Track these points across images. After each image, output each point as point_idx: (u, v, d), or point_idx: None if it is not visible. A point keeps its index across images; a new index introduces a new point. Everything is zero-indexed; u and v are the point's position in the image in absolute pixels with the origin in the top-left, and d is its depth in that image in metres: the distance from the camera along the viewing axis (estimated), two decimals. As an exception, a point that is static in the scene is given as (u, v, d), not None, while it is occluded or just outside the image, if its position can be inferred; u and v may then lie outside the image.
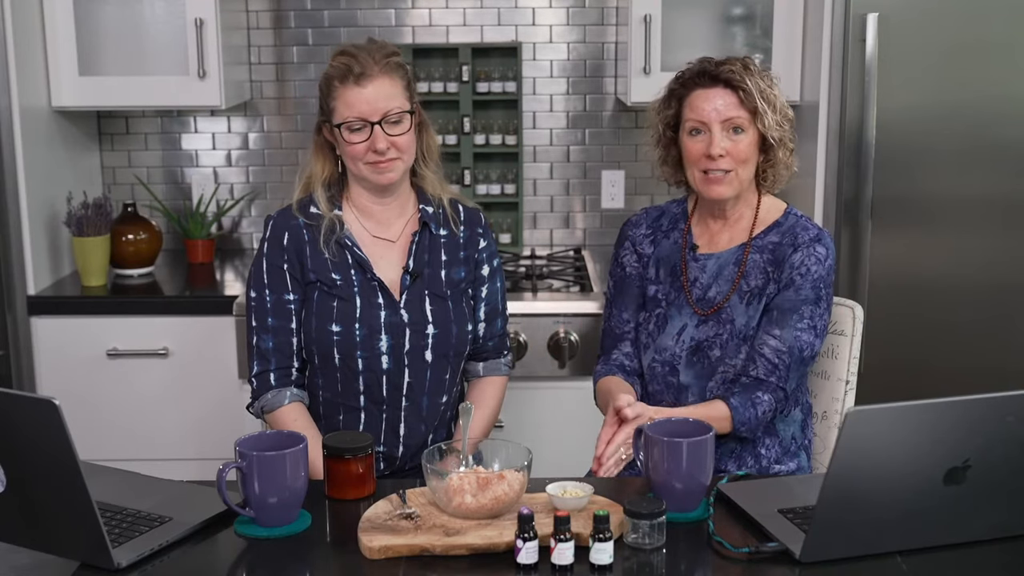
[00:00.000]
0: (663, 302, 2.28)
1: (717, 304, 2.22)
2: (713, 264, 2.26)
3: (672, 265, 2.30)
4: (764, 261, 2.22)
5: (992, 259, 3.05)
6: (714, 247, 2.28)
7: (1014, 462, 1.67)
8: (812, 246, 2.19)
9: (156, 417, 3.14)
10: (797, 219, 2.26)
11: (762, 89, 2.17)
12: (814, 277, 2.17)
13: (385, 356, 2.22)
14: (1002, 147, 3.00)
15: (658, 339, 2.26)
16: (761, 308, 2.19)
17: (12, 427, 1.59)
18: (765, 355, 2.16)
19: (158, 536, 1.75)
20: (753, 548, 1.71)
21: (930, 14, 2.96)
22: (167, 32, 3.25)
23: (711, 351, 2.21)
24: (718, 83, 2.18)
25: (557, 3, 3.55)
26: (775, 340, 2.16)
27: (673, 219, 2.35)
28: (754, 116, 2.17)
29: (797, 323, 2.16)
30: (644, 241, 2.35)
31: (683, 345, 2.23)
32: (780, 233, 2.24)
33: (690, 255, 2.28)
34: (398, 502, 1.84)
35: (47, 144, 3.25)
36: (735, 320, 2.20)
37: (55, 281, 3.28)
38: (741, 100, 2.16)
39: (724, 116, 2.17)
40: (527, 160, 3.63)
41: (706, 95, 2.18)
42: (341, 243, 2.24)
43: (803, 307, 2.17)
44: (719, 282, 2.24)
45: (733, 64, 2.18)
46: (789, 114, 2.23)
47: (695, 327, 2.23)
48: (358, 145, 2.18)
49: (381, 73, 2.17)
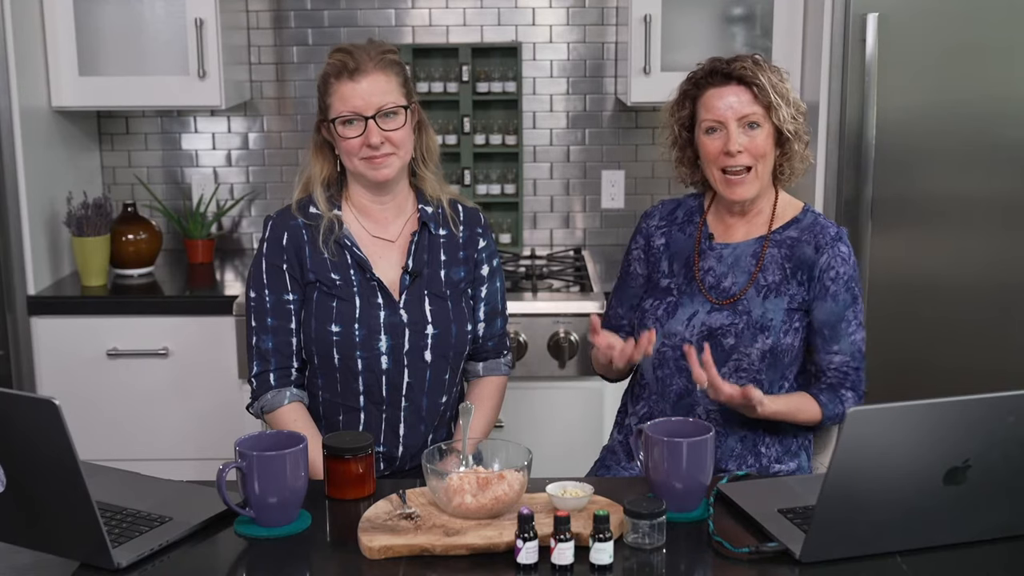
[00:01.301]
0: (675, 291, 2.28)
1: (733, 296, 2.22)
2: (730, 253, 2.26)
3: (686, 256, 2.30)
4: (781, 256, 2.23)
5: (992, 259, 3.05)
6: (730, 238, 2.29)
7: (1014, 462, 1.67)
8: (835, 246, 2.20)
9: (156, 417, 3.14)
10: (816, 217, 2.27)
11: (775, 83, 2.18)
12: (845, 279, 2.19)
13: (385, 356, 2.22)
14: (1002, 147, 3.00)
15: (667, 324, 2.25)
16: (783, 306, 2.19)
17: (12, 427, 1.59)
18: (833, 369, 2.21)
19: (158, 536, 1.75)
20: (753, 548, 1.71)
21: (930, 14, 2.96)
22: (167, 32, 3.25)
23: (725, 339, 2.20)
24: (731, 81, 2.19)
25: (557, 3, 3.55)
26: (838, 356, 2.20)
27: (689, 212, 2.35)
28: (768, 111, 2.18)
29: (847, 329, 2.20)
30: (656, 233, 2.35)
31: (693, 330, 2.22)
32: (799, 229, 2.25)
33: (706, 244, 2.29)
34: (398, 502, 1.84)
35: (47, 144, 3.25)
36: (752, 312, 2.20)
37: (55, 281, 3.28)
38: (755, 96, 2.17)
39: (739, 113, 2.18)
40: (527, 160, 3.63)
41: (719, 93, 2.19)
42: (340, 243, 2.24)
43: (846, 312, 2.19)
44: (735, 272, 2.24)
45: (744, 61, 2.19)
46: (802, 107, 2.24)
47: (707, 313, 2.23)
48: (353, 140, 2.18)
49: (375, 68, 2.17)
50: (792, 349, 2.21)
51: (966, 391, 1.65)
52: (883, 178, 3.01)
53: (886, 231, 3.04)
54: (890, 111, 2.97)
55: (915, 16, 2.95)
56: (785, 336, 2.19)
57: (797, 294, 2.20)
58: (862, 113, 2.97)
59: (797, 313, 2.20)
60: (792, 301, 2.20)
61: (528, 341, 2.98)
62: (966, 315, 3.07)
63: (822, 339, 2.21)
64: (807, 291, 2.20)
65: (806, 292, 2.20)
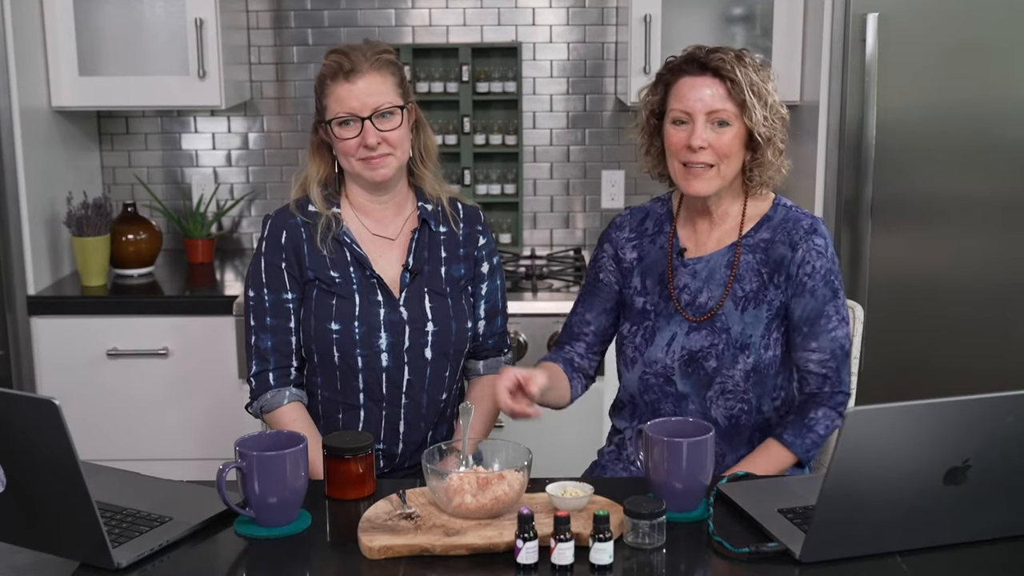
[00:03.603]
0: (651, 313, 2.19)
1: (710, 311, 2.13)
2: (703, 268, 2.16)
3: (659, 273, 2.20)
4: (757, 262, 2.13)
5: (992, 259, 3.05)
6: (702, 250, 2.18)
7: (1014, 462, 1.67)
8: (810, 239, 2.10)
9: (156, 417, 3.14)
10: (787, 211, 2.16)
11: (753, 82, 2.06)
12: (823, 272, 2.09)
13: (384, 354, 2.22)
14: (1002, 147, 3.00)
15: (646, 352, 2.17)
16: (762, 316, 2.11)
17: (12, 427, 1.59)
18: (811, 371, 2.12)
19: (158, 536, 1.75)
20: (753, 548, 1.71)
21: (930, 14, 2.96)
22: (167, 32, 3.25)
23: (706, 362, 2.12)
24: (706, 71, 2.07)
25: (557, 3, 3.55)
26: (816, 353, 2.11)
27: (658, 221, 2.24)
28: (742, 110, 2.06)
29: (827, 325, 2.10)
30: (627, 246, 2.25)
31: (674, 356, 2.14)
32: (771, 229, 2.14)
33: (677, 260, 2.18)
34: (398, 502, 1.84)
35: (47, 144, 3.25)
36: (730, 329, 2.11)
37: (55, 281, 3.28)
38: (729, 91, 2.06)
39: (709, 107, 2.06)
40: (527, 160, 3.63)
41: (692, 83, 2.08)
42: (340, 240, 2.24)
43: (826, 307, 2.10)
44: (710, 286, 2.15)
45: (725, 53, 2.07)
46: (782, 113, 2.12)
47: (686, 335, 2.14)
48: (349, 141, 2.18)
49: (371, 69, 2.17)
50: (775, 362, 2.13)
51: (966, 391, 1.65)
52: (883, 178, 3.01)
53: (886, 231, 3.04)
54: (890, 111, 2.97)
55: (915, 16, 2.95)
56: (766, 352, 2.11)
57: (775, 299, 2.11)
58: (862, 113, 2.97)
59: (775, 321, 2.12)
60: (770, 309, 2.11)
61: (528, 341, 2.98)
62: (966, 315, 3.07)
63: (800, 336, 2.11)
64: (783, 292, 2.11)
65: (782, 294, 2.11)
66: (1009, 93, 2.98)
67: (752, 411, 2.14)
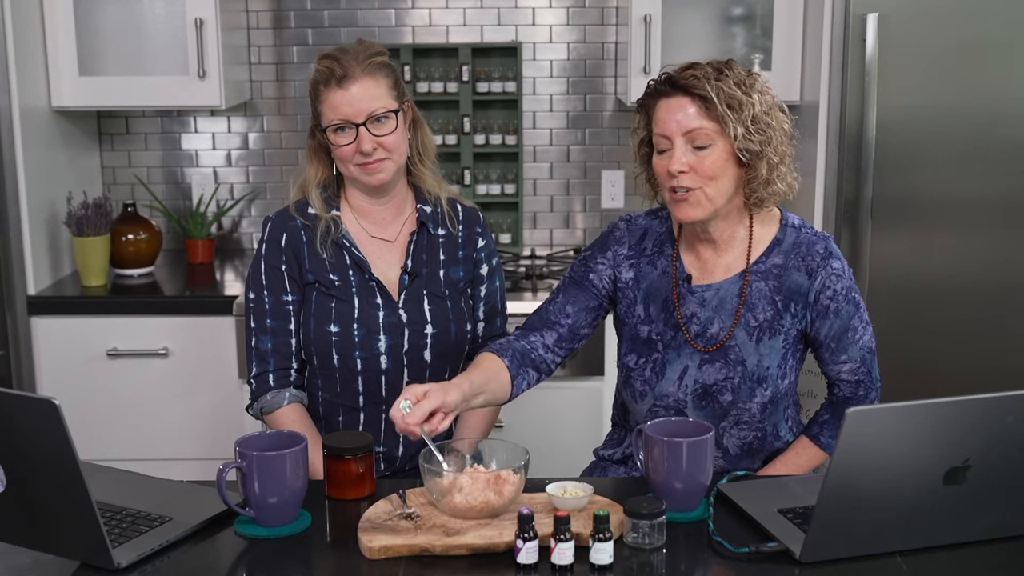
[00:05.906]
0: (659, 344, 2.09)
1: (721, 340, 2.05)
2: (712, 296, 2.06)
3: (663, 299, 2.10)
4: (770, 289, 2.04)
5: (992, 259, 3.05)
6: (710, 277, 2.08)
7: (1014, 462, 1.67)
8: (827, 265, 2.03)
9: (156, 417, 3.14)
10: (797, 232, 2.07)
11: (731, 95, 1.92)
12: (844, 292, 2.04)
13: (384, 356, 2.22)
14: (1002, 147, 3.01)
15: (656, 386, 2.09)
16: (778, 347, 2.04)
17: (12, 427, 1.59)
18: (844, 379, 2.10)
19: (158, 536, 1.75)
20: (753, 548, 1.71)
21: (930, 14, 2.96)
22: (167, 32, 3.25)
23: (721, 395, 2.05)
24: (678, 91, 1.96)
25: (557, 3, 3.55)
26: (848, 364, 2.07)
27: (658, 241, 2.13)
28: (723, 126, 1.93)
29: (853, 337, 2.06)
30: (624, 263, 2.14)
31: (687, 390, 2.07)
32: (783, 254, 2.06)
33: (684, 287, 2.08)
34: (398, 502, 1.84)
35: (47, 144, 3.25)
36: (746, 361, 2.04)
37: (55, 281, 3.28)
38: (703, 109, 1.93)
39: (685, 127, 1.94)
40: (527, 160, 3.63)
41: (667, 106, 1.97)
42: (339, 243, 2.24)
43: (851, 321, 2.05)
44: (722, 316, 2.05)
45: (697, 69, 1.96)
46: (776, 122, 1.98)
47: (698, 368, 2.06)
48: (345, 147, 2.18)
49: (364, 74, 2.16)
50: (791, 389, 2.11)
51: (966, 391, 1.65)
52: (883, 178, 3.01)
53: (886, 231, 3.04)
54: (890, 111, 2.97)
55: (915, 16, 2.95)
56: (783, 381, 2.07)
57: (791, 327, 2.05)
58: (862, 113, 2.97)
59: (792, 349, 2.07)
60: (787, 339, 2.05)
61: (528, 341, 2.98)
62: (966, 315, 3.07)
63: (829, 352, 2.07)
64: (801, 320, 2.05)
65: (800, 322, 2.05)
66: (1009, 93, 2.98)
67: (766, 437, 2.12)
